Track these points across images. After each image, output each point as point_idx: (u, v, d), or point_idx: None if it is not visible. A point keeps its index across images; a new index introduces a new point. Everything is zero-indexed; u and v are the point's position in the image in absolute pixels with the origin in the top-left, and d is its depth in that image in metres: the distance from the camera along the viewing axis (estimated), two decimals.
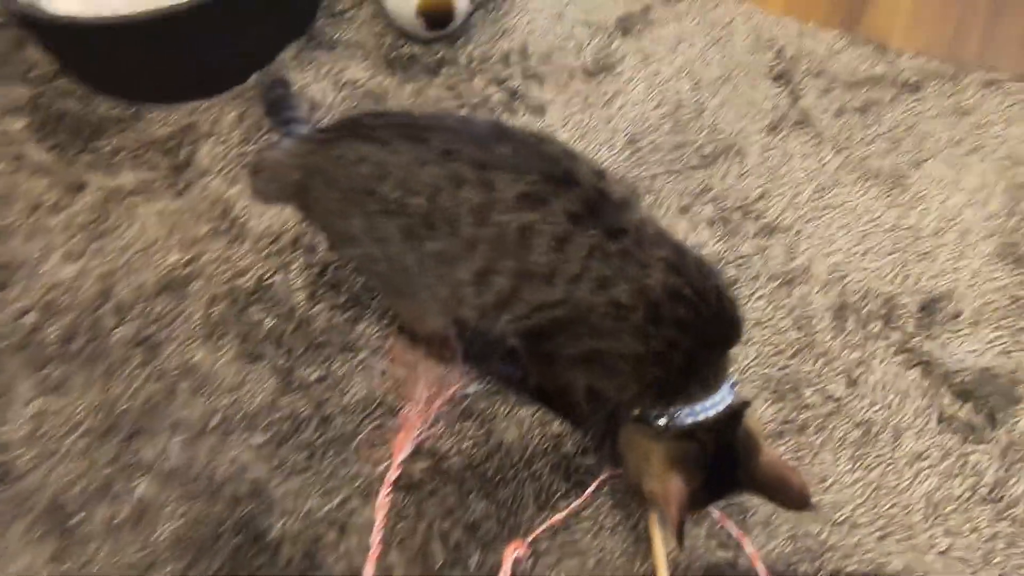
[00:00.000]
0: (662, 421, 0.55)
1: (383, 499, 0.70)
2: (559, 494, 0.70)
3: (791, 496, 0.53)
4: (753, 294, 0.81)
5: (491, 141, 0.53)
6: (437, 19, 0.97)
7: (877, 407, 0.75)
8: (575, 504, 0.69)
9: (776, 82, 0.97)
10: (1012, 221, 0.85)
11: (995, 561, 0.67)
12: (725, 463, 0.54)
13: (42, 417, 0.76)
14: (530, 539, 0.67)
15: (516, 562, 0.66)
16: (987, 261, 0.83)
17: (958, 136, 0.92)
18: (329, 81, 0.98)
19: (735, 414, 0.55)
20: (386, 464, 0.72)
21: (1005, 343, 0.78)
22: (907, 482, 0.71)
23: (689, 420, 0.54)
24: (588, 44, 1.02)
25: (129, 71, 0.96)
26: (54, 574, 0.68)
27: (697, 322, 0.52)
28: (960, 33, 1.03)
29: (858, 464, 0.72)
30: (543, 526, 0.68)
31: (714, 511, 0.68)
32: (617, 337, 0.53)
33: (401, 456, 0.72)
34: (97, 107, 0.98)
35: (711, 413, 0.54)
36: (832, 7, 1.07)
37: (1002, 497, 0.69)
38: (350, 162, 0.56)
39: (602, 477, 0.70)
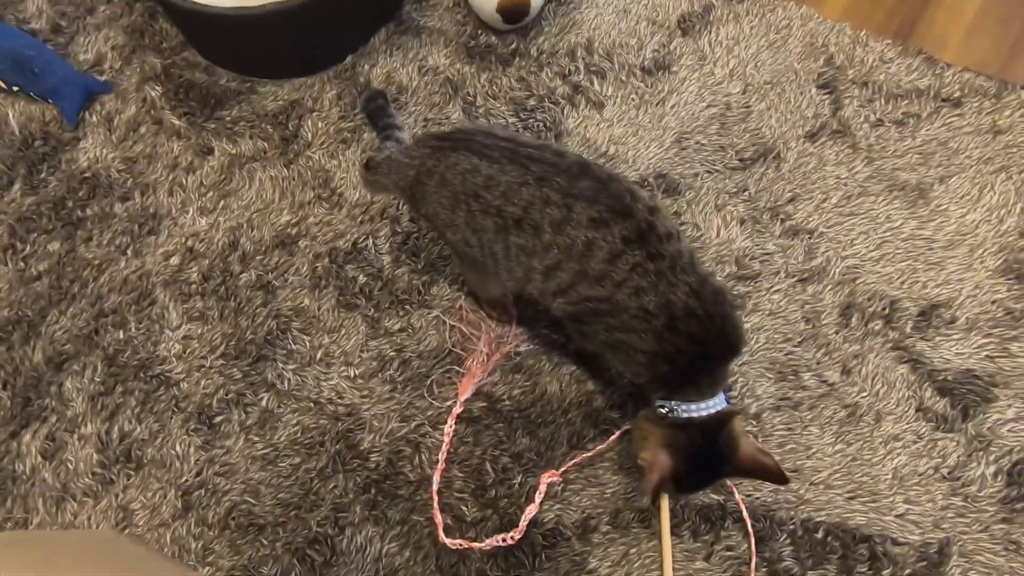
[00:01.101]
0: (663, 410, 0.71)
1: (449, 428, 0.89)
2: (588, 438, 0.88)
3: (772, 476, 0.71)
4: (771, 288, 0.94)
5: (576, 176, 0.69)
6: (515, 14, 1.07)
7: (865, 394, 0.88)
8: (600, 447, 0.86)
9: (822, 90, 1.05)
10: (1023, 241, 0.93)
11: (943, 527, 0.81)
12: (709, 457, 0.70)
13: (189, 340, 0.97)
14: (562, 470, 0.86)
15: (549, 486, 0.85)
16: (991, 275, 0.92)
17: (988, 154, 0.98)
18: (414, 66, 1.11)
19: (723, 419, 0.70)
20: (452, 401, 0.91)
21: (992, 349, 0.89)
22: (880, 457, 0.85)
23: (684, 415, 0.70)
24: (649, 42, 1.10)
25: (245, 53, 1.11)
26: (202, 458, 0.90)
27: (703, 337, 0.68)
28: (1016, 48, 1.07)
29: (840, 439, 0.86)
30: (573, 461, 0.86)
31: None
32: (640, 335, 0.68)
33: (465, 396, 0.90)
34: (219, 79, 1.14)
35: (703, 413, 0.70)
36: (891, 13, 1.11)
37: (959, 478, 0.83)
38: (465, 170, 0.72)
39: (624, 428, 0.87)
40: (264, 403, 0.93)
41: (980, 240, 0.94)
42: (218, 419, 0.92)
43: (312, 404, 0.92)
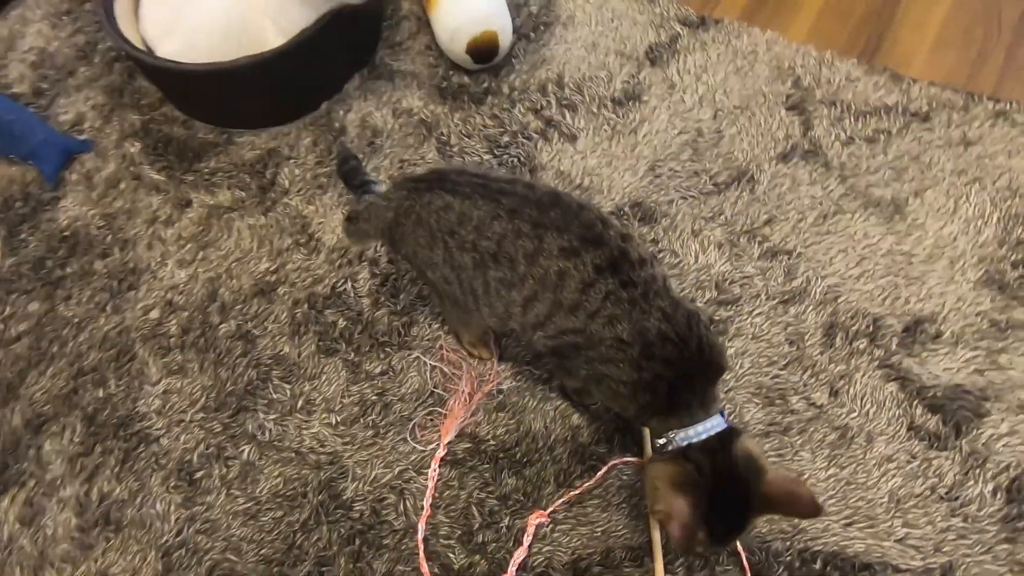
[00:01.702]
0: (660, 442, 0.69)
1: (433, 472, 0.87)
2: (575, 475, 0.86)
3: (803, 507, 0.62)
4: (753, 311, 0.93)
5: (547, 207, 0.69)
6: (484, 54, 1.09)
7: (855, 414, 0.86)
8: (588, 484, 0.84)
9: (791, 111, 1.06)
10: (1002, 251, 0.93)
11: (944, 550, 0.78)
12: (731, 490, 0.64)
13: (169, 394, 0.96)
14: (550, 510, 0.83)
15: (537, 527, 0.83)
16: (973, 287, 0.91)
17: (961, 166, 0.99)
18: (389, 109, 1.13)
19: (724, 438, 0.67)
20: (435, 444, 0.89)
21: (979, 363, 0.87)
22: (874, 480, 0.82)
23: (683, 442, 0.67)
24: (618, 73, 1.12)
25: (221, 106, 1.13)
26: (182, 516, 0.88)
27: (680, 360, 0.66)
28: (980, 60, 1.08)
29: (832, 463, 0.84)
30: (560, 500, 0.84)
31: None
32: (618, 365, 0.67)
33: (448, 438, 0.89)
34: (197, 132, 1.16)
35: (702, 436, 0.67)
36: (855, 32, 1.13)
37: (958, 497, 0.81)
38: (439, 208, 0.73)
39: (611, 463, 0.85)
40: (245, 455, 0.91)
41: (960, 252, 0.94)
42: (199, 474, 0.90)
43: (294, 454, 0.91)
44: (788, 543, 0.80)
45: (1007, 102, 1.01)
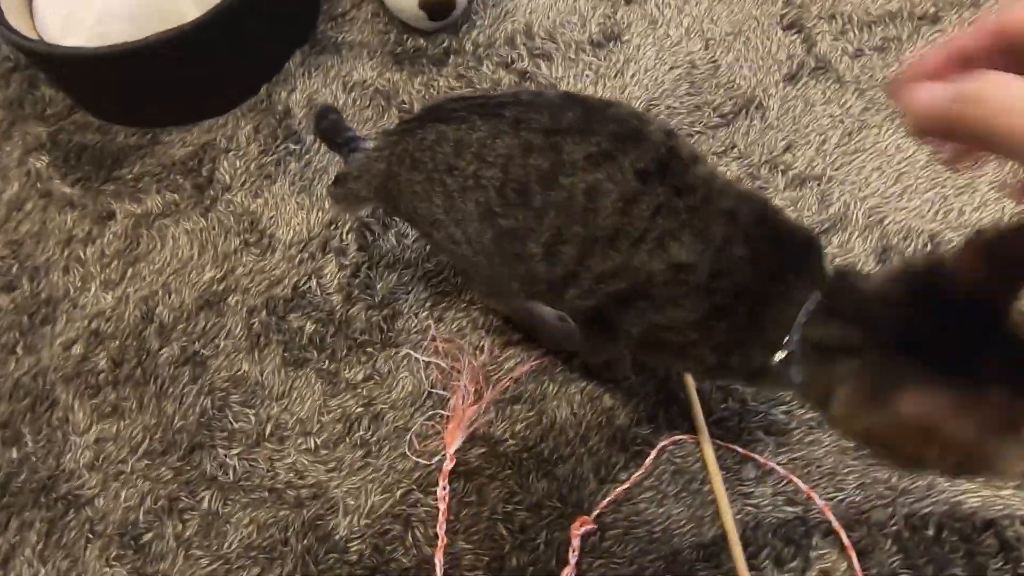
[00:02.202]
0: (780, 356, 0.47)
1: (443, 490, 0.70)
2: (618, 466, 0.70)
3: None
4: None
5: (560, 108, 0.53)
6: (439, 9, 0.96)
7: None
8: (637, 475, 0.69)
9: (789, 31, 0.95)
10: None
11: None
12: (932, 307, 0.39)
13: (102, 443, 0.77)
14: (595, 514, 0.67)
15: (584, 538, 0.66)
16: None
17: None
18: (338, 84, 0.98)
19: (839, 274, 0.46)
20: (441, 455, 0.72)
21: None
22: None
23: (798, 336, 0.46)
24: (592, 16, 1.00)
25: (140, 100, 0.96)
26: None
27: (757, 256, 0.49)
28: None
29: None
30: (607, 500, 0.68)
31: (778, 467, 0.67)
32: (679, 304, 0.50)
33: (455, 445, 0.72)
34: (115, 137, 0.99)
35: (813, 306, 0.46)
36: None
37: None
38: (432, 142, 0.57)
39: (660, 444, 0.70)
40: (206, 504, 0.73)
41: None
42: (147, 537, 0.71)
43: (267, 493, 0.73)
44: (890, 510, 0.66)
45: None
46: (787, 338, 0.47)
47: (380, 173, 0.62)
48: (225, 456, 0.75)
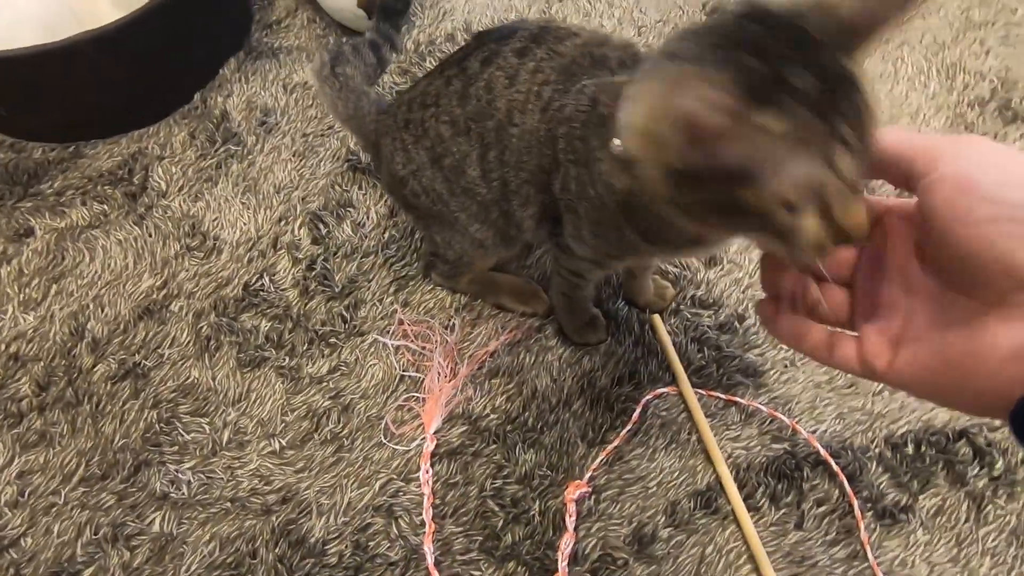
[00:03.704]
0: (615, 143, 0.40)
1: (425, 474, 0.66)
2: (605, 427, 0.68)
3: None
4: None
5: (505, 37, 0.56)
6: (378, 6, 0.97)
7: None
8: (624, 432, 0.67)
9: (711, 15, 1.02)
10: (953, 96, 0.91)
11: None
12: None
13: (28, 476, 0.68)
14: (588, 476, 0.65)
15: (578, 503, 0.63)
16: (941, 133, 0.88)
17: (885, 36, 0.98)
18: (278, 86, 0.96)
19: None
20: (420, 438, 0.68)
21: None
22: None
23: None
24: (527, 12, 1.04)
25: (62, 107, 0.90)
26: None
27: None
28: None
29: None
30: (597, 461, 0.66)
31: (762, 407, 0.68)
32: (591, 145, 0.48)
33: (434, 426, 0.68)
34: (31, 153, 0.92)
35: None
36: None
37: None
38: (399, 106, 0.63)
39: (644, 399, 0.68)
40: (156, 526, 0.65)
41: (916, 108, 0.91)
42: (87, 572, 0.62)
43: (229, 504, 0.66)
44: (870, 434, 0.67)
45: None
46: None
47: (370, 133, 0.69)
48: (177, 471, 0.67)
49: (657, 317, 0.72)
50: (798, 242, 0.33)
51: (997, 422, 0.67)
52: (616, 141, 0.39)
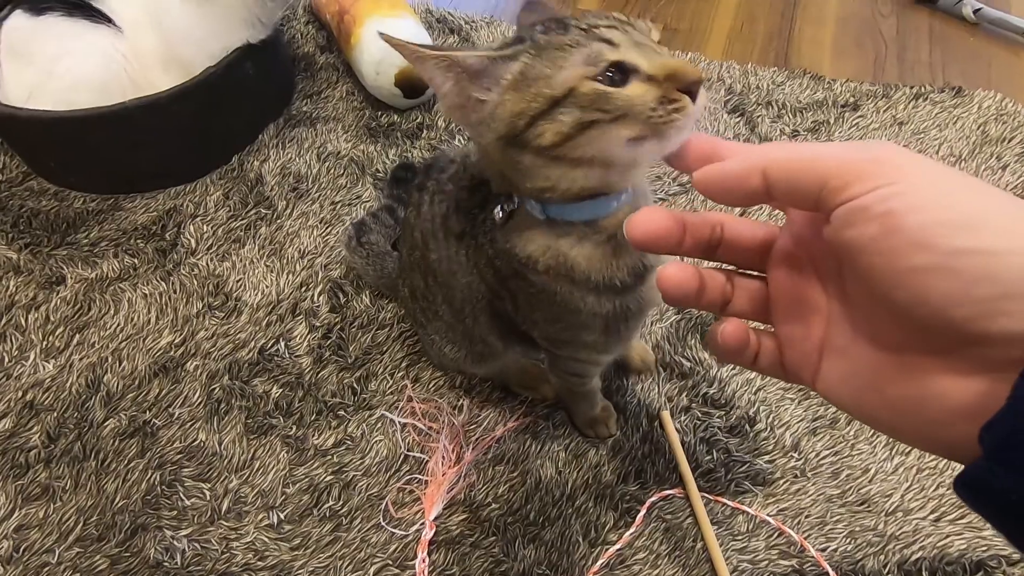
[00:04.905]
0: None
1: (422, 563, 0.64)
2: (608, 526, 0.67)
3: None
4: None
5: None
6: (414, 86, 1.02)
7: None
8: (628, 534, 0.65)
9: (733, 114, 1.06)
10: None
11: None
12: None
13: (25, 531, 0.68)
14: None
15: None
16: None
17: (903, 143, 1.01)
18: (312, 154, 1.00)
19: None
20: (419, 523, 0.67)
21: None
22: (945, 461, 0.71)
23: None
24: None
25: (105, 166, 0.95)
26: None
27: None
28: (879, 62, 1.16)
29: (895, 450, 0.71)
30: (599, 563, 0.64)
31: (770, 519, 0.66)
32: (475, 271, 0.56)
33: (434, 512, 0.67)
34: (73, 203, 0.96)
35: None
36: (764, 50, 1.19)
37: None
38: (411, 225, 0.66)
39: (650, 501, 0.67)
40: None
41: None
42: None
43: None
44: (882, 557, 0.65)
45: (919, 85, 1.07)
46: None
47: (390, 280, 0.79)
48: (172, 538, 0.67)
49: (667, 415, 0.72)
50: (638, 111, 0.37)
51: (1016, 555, 0.64)
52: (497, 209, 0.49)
